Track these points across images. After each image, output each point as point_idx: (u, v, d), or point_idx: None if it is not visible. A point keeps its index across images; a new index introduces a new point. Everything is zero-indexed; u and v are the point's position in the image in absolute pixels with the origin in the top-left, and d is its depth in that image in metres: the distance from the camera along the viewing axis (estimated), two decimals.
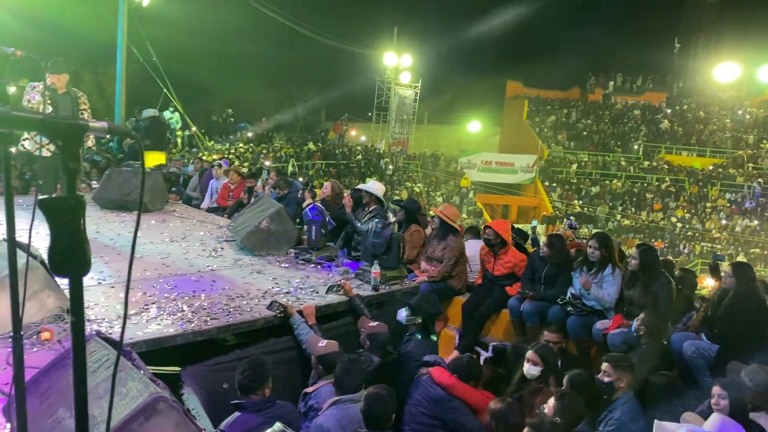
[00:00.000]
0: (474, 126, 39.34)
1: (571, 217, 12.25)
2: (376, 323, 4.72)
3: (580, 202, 28.73)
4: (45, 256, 4.57)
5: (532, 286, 5.60)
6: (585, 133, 34.47)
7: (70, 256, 1.05)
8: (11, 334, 3.79)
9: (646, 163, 31.25)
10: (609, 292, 5.15)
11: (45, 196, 1.03)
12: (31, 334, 3.93)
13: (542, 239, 6.62)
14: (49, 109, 5.97)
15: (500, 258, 5.95)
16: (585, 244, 6.47)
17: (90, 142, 7.50)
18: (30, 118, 1.06)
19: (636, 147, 32.65)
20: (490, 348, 5.62)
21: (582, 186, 30.01)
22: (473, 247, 6.63)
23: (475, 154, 33.06)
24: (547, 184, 30.48)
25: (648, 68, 38.52)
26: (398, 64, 35.01)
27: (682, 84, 37.72)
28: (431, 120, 41.16)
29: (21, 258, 4.09)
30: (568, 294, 5.37)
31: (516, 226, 7.78)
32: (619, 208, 28.12)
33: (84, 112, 6.21)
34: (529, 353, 4.28)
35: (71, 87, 6.10)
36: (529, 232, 8.72)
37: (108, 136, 10.20)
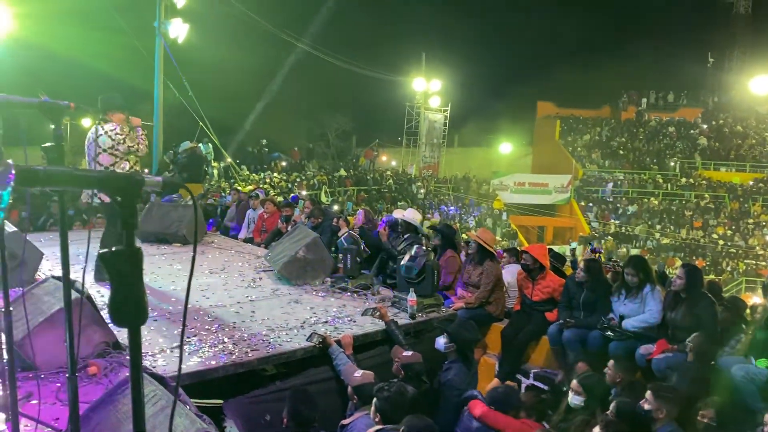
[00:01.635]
0: (505, 147, 39.20)
1: (593, 242, 12.06)
2: (410, 353, 4.70)
3: (617, 221, 28.25)
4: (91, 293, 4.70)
5: (570, 313, 5.51)
6: (620, 151, 34.04)
7: (129, 307, 1.10)
8: (59, 369, 3.91)
9: (684, 179, 30.65)
10: (652, 310, 5.04)
11: (105, 250, 1.08)
12: (78, 369, 4.02)
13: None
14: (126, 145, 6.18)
15: (538, 283, 5.89)
16: (613, 267, 6.36)
17: None
18: (90, 177, 1.12)
19: (672, 164, 32.08)
20: (532, 375, 5.55)
21: (619, 205, 29.54)
22: (511, 273, 6.58)
23: (508, 176, 32.88)
24: (582, 203, 30.09)
25: (681, 84, 38.07)
26: (427, 89, 35.25)
27: (717, 98, 37.06)
28: (461, 143, 41.19)
29: (72, 294, 4.23)
30: (608, 318, 5.27)
31: (553, 248, 7.69)
32: (658, 227, 27.55)
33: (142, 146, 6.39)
34: (573, 382, 4.21)
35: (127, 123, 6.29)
36: (568, 255, 8.60)
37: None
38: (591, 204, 30.02)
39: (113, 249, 1.07)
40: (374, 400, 3.91)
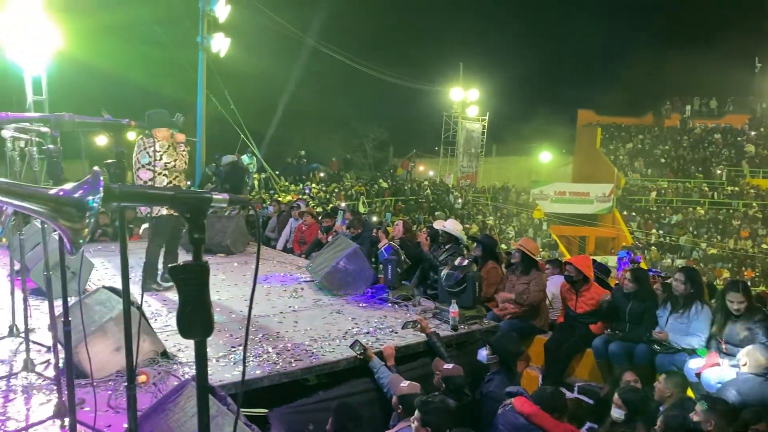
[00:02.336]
0: (545, 156, 38.77)
1: (631, 252, 11.75)
2: (451, 365, 4.66)
3: (661, 231, 27.59)
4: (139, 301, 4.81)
5: (613, 324, 5.41)
6: (663, 159, 33.29)
7: (197, 320, 1.13)
8: (110, 377, 4.01)
9: (731, 188, 29.77)
10: (698, 333, 4.89)
11: (175, 264, 1.12)
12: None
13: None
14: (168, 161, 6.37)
15: (582, 295, 5.79)
16: (658, 278, 6.23)
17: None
18: (163, 195, 1.16)
19: (719, 172, 31.19)
20: (576, 389, 5.46)
21: (662, 214, 28.85)
22: (555, 284, 6.50)
23: (548, 185, 32.47)
24: (625, 213, 29.48)
25: (727, 90, 37.01)
26: (465, 99, 35.15)
27: (765, 104, 35.94)
28: (500, 152, 40.93)
29: (119, 304, 4.36)
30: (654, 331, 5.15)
31: (596, 259, 7.56)
32: (704, 237, 26.78)
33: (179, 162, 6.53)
34: (615, 396, 4.14)
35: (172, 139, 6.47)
36: (612, 265, 8.44)
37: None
38: (634, 213, 29.39)
39: (182, 263, 1.11)
40: (416, 412, 3.90)
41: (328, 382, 4.77)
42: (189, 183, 15.88)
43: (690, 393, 4.59)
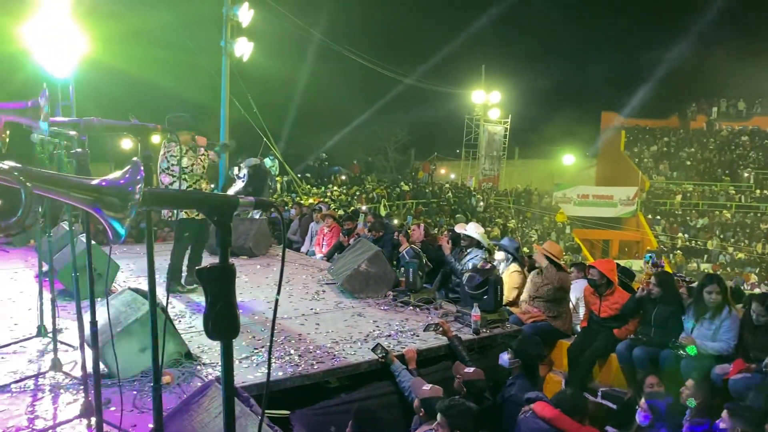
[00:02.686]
0: (568, 159, 38.43)
1: (653, 254, 11.54)
2: (472, 369, 4.64)
3: (686, 235, 27.16)
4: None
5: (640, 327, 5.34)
6: (689, 162, 32.81)
7: (223, 322, 1.15)
8: (135, 378, 4.07)
9: (759, 191, 29.22)
10: (727, 338, 4.81)
11: (201, 266, 1.13)
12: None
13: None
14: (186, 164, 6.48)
15: (606, 299, 5.73)
16: (683, 283, 6.12)
17: None
18: (191, 198, 1.18)
19: (746, 175, 30.64)
20: (600, 394, 5.40)
21: (688, 218, 28.41)
22: (578, 288, 6.43)
23: (571, 188, 32.20)
24: (649, 216, 29.10)
25: (754, 91, 36.30)
26: (487, 101, 35.05)
27: None
28: (522, 155, 40.69)
29: (144, 305, 4.42)
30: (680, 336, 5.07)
31: (620, 263, 7.47)
32: (731, 240, 26.31)
33: (197, 166, 6.62)
34: (641, 401, 4.08)
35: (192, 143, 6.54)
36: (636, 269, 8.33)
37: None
38: (659, 217, 29.00)
39: (209, 265, 1.13)
40: (439, 416, 3.89)
41: (350, 385, 4.77)
42: (213, 186, 16.05)
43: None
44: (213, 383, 3.12)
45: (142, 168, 1.10)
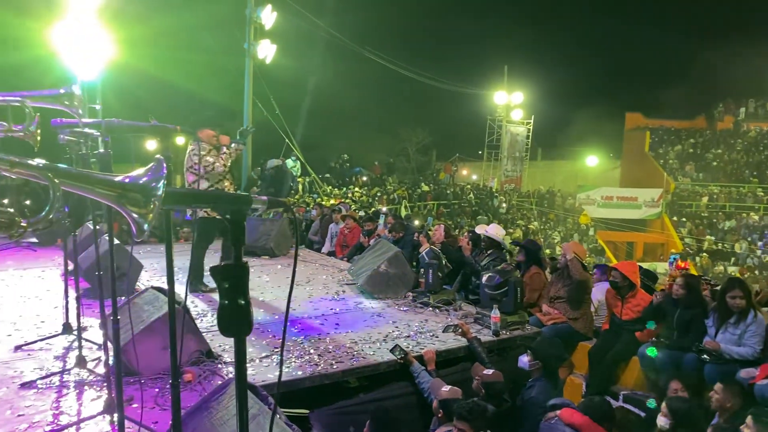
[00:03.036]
0: (591, 160, 38.03)
1: (677, 256, 11.32)
2: (491, 371, 4.63)
3: (713, 237, 26.68)
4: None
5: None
6: (715, 163, 32.24)
7: (236, 319, 1.17)
8: (158, 375, 4.13)
9: None
10: (752, 344, 4.71)
11: (215, 264, 1.15)
12: None
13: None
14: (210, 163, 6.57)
15: (628, 301, 5.66)
16: (707, 285, 6.02)
17: None
18: (205, 197, 1.21)
19: None
20: (621, 397, 5.34)
21: (714, 220, 27.92)
22: (600, 290, 6.37)
23: (594, 190, 31.82)
24: (675, 219, 28.66)
25: None
26: (509, 102, 34.85)
27: None
28: (545, 156, 40.35)
29: (166, 304, 4.48)
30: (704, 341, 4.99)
31: (643, 266, 7.38)
32: (759, 243, 25.77)
33: (218, 164, 6.68)
34: (663, 404, 4.03)
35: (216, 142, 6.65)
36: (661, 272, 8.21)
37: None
38: (684, 219, 28.54)
39: (223, 263, 1.15)
40: (454, 418, 3.89)
41: (369, 385, 4.79)
42: (236, 187, 16.21)
43: None
44: (232, 381, 3.15)
45: (164, 166, 1.13)
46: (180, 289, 4.55)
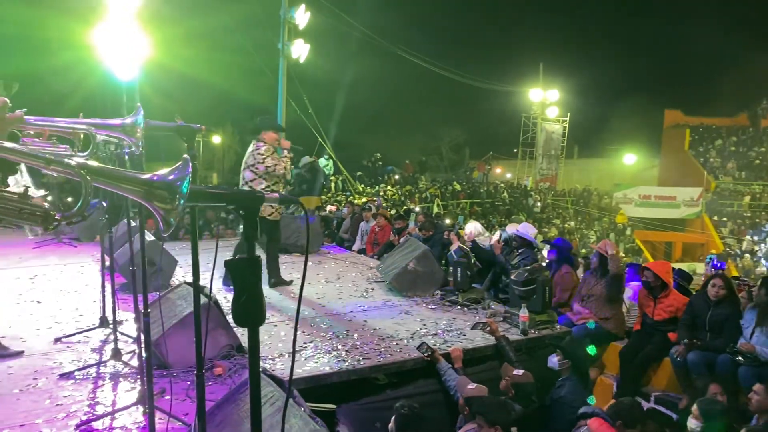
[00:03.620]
0: (629, 158, 37.29)
1: (713, 257, 11.03)
2: (521, 372, 4.61)
3: (755, 237, 25.92)
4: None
5: (691, 333, 5.15)
6: (758, 161, 31.30)
7: (250, 310, 1.22)
8: (190, 369, 4.23)
9: None
10: None
11: (230, 258, 1.20)
12: (205, 369, 4.34)
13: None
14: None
15: (661, 301, 5.56)
16: (743, 286, 5.87)
17: None
18: (221, 194, 1.26)
19: None
20: (653, 399, 5.26)
21: (757, 220, 27.12)
22: (632, 290, 6.28)
23: (632, 188, 31.24)
24: (715, 218, 27.94)
25: None
26: (544, 99, 34.45)
27: None
28: (581, 154, 39.75)
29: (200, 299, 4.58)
30: (738, 342, 4.87)
31: (678, 266, 7.23)
32: None
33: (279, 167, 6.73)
34: (694, 406, 3.96)
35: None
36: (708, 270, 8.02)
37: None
38: (725, 219, 27.79)
39: (237, 257, 1.20)
40: (477, 417, 3.89)
41: (397, 382, 4.82)
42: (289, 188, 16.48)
43: None
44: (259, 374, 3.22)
45: (190, 165, 1.18)
46: (214, 284, 4.67)
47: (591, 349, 5.02)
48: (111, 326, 4.85)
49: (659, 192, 30.92)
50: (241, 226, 10.87)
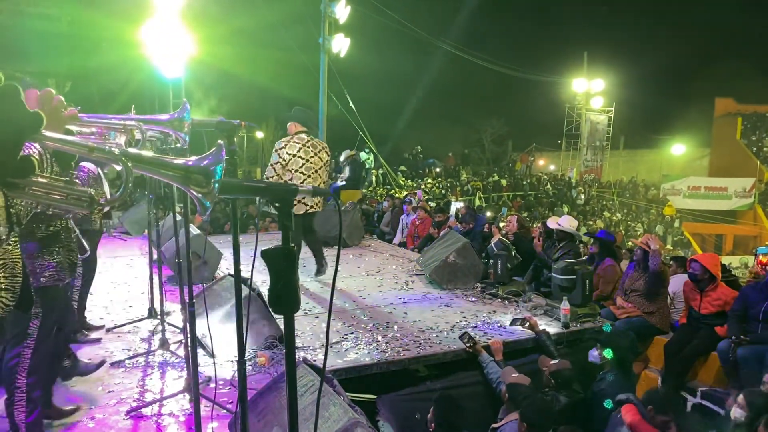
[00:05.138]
0: (677, 149, 36.23)
1: (764, 249, 10.63)
2: (557, 360, 4.59)
3: None
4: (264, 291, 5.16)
5: (740, 327, 5.00)
6: None
7: (285, 297, 1.26)
8: (235, 358, 4.35)
9: None
10: None
11: (266, 248, 1.26)
12: (250, 359, 4.46)
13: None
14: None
15: (708, 295, 5.43)
16: None
17: None
18: (255, 187, 1.31)
19: None
20: (699, 394, 5.15)
21: None
22: (677, 283, 6.14)
23: (681, 179, 30.38)
24: None
25: None
26: (589, 89, 33.74)
27: None
28: (628, 145, 38.80)
29: (243, 291, 4.70)
30: None
31: (729, 259, 7.03)
32: None
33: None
34: (740, 395, 3.88)
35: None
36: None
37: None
38: None
39: (272, 247, 1.25)
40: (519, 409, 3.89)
41: (438, 374, 4.85)
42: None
43: None
44: (300, 364, 3.30)
45: (223, 150, 1.25)
46: (256, 276, 4.77)
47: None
48: (159, 317, 5.03)
49: (710, 183, 30.00)
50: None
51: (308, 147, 6.30)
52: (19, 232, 2.68)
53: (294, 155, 6.19)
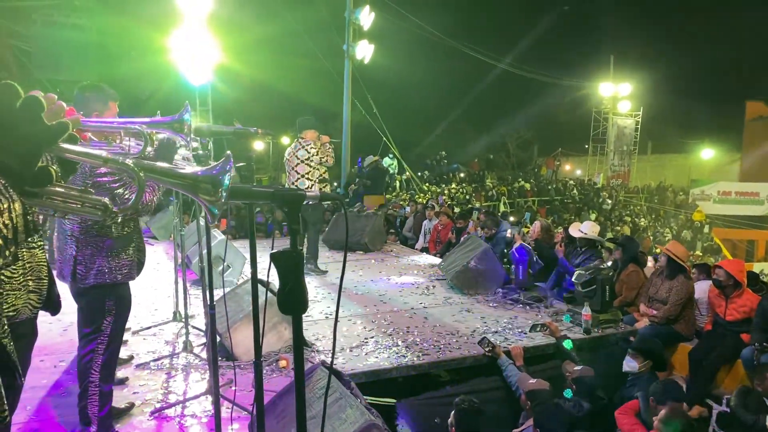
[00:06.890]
0: (707, 153, 35.57)
1: None
2: (580, 367, 4.56)
3: None
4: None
5: (765, 335, 4.91)
6: None
7: (293, 298, 1.31)
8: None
9: None
10: None
11: (275, 251, 1.30)
12: (271, 361, 4.52)
13: None
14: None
15: (733, 301, 5.35)
16: None
17: None
18: (265, 192, 1.36)
19: None
20: (725, 401, 5.06)
21: None
22: (702, 289, 6.05)
23: (710, 184, 29.83)
24: None
25: None
26: (616, 93, 33.35)
27: None
28: (655, 149, 38.22)
29: (263, 294, 4.78)
30: None
31: (761, 266, 6.90)
32: None
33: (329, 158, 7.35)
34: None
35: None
36: None
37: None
38: None
39: (280, 250, 1.30)
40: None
41: (458, 379, 4.86)
42: (335, 183, 16.80)
43: None
44: (318, 366, 3.35)
45: (231, 161, 1.30)
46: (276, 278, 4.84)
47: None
48: (183, 320, 5.13)
49: (741, 188, 29.38)
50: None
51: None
52: (96, 231, 2.85)
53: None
